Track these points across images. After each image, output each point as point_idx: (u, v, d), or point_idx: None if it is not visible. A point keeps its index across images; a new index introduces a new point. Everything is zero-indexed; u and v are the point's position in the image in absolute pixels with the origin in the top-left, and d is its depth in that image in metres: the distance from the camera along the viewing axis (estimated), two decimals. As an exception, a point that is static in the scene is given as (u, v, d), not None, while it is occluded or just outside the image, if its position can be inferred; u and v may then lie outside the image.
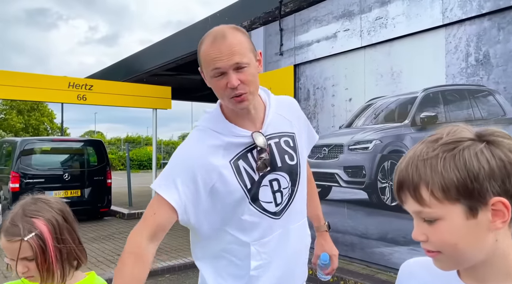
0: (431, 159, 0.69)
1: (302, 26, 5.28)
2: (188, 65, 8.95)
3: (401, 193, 0.73)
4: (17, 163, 7.78)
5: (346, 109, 4.79)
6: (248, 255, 1.30)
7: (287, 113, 1.41)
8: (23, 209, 1.16)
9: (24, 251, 1.11)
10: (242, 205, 1.28)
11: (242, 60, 1.19)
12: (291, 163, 1.36)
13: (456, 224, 0.68)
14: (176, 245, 6.09)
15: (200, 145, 1.29)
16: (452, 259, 0.71)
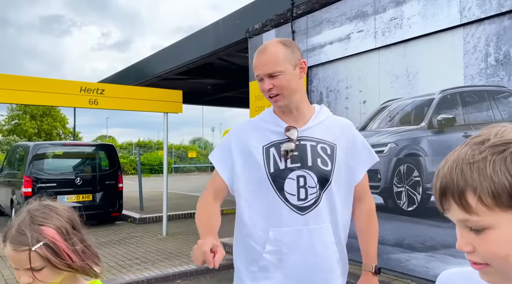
0: (479, 162, 0.62)
1: (314, 27, 5.21)
2: (199, 69, 8.96)
3: (444, 200, 0.66)
4: (30, 167, 7.83)
5: (360, 111, 4.70)
6: (266, 240, 1.46)
7: (335, 128, 1.56)
8: (30, 216, 1.09)
9: (28, 262, 1.04)
10: (266, 188, 1.47)
11: (274, 70, 1.46)
12: (322, 167, 1.49)
13: (508, 234, 0.62)
14: (187, 250, 6.03)
15: (247, 126, 1.59)
16: (501, 273, 0.65)
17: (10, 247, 1.06)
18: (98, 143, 10.09)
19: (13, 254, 1.06)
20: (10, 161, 9.48)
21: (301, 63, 1.51)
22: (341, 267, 1.56)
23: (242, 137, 1.56)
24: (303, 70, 1.52)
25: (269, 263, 1.47)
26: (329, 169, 1.49)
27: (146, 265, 5.25)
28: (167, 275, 4.88)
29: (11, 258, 1.07)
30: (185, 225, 8.31)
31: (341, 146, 1.54)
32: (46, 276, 1.07)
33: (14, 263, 1.07)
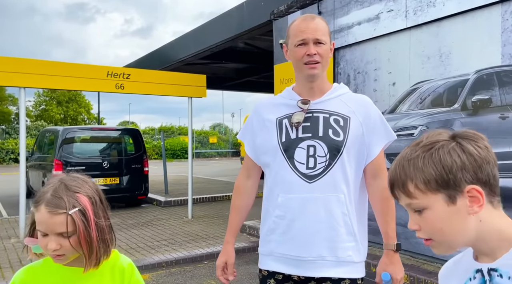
0: (414, 159, 0.84)
1: (342, 8, 5.09)
2: (222, 53, 8.93)
3: (394, 190, 0.88)
4: (60, 151, 8.05)
5: (390, 94, 4.60)
6: (276, 205, 1.56)
7: (351, 103, 1.60)
8: (65, 184, 1.11)
9: (63, 225, 1.06)
10: (279, 157, 1.56)
11: (321, 38, 1.54)
12: (334, 138, 1.53)
13: (439, 211, 0.82)
14: (213, 232, 6.12)
15: (266, 102, 1.72)
16: (443, 243, 0.84)
17: (45, 210, 1.06)
18: (124, 128, 10.26)
19: (47, 217, 1.06)
20: (40, 145, 9.76)
21: (332, 44, 1.64)
22: (357, 241, 1.56)
23: (261, 112, 1.68)
24: (332, 50, 1.63)
25: (277, 226, 1.57)
26: (341, 139, 1.53)
27: (174, 246, 5.35)
28: (195, 256, 4.98)
29: (44, 222, 1.07)
30: (209, 208, 8.42)
31: (356, 120, 1.56)
32: (68, 247, 1.08)
33: (46, 227, 1.07)
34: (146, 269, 4.64)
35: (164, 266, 4.77)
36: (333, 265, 1.53)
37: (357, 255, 1.57)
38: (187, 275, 4.50)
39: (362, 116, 1.58)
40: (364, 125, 1.57)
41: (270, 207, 1.60)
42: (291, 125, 1.57)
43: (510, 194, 3.43)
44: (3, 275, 4.27)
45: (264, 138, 1.62)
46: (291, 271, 1.55)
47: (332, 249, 1.52)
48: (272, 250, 1.59)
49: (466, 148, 0.82)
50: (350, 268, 1.55)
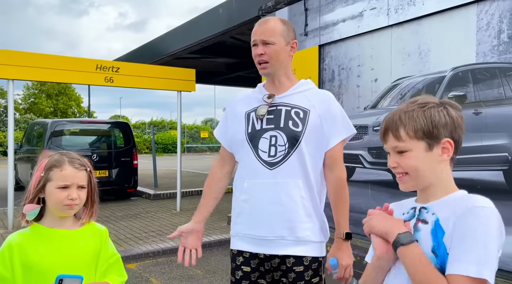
0: (410, 111, 1.10)
1: (327, 5, 5.20)
2: (212, 47, 8.97)
3: (386, 133, 1.13)
4: (49, 143, 8.08)
5: (372, 89, 4.73)
6: (243, 190, 1.72)
7: (313, 98, 1.75)
8: (70, 153, 1.47)
9: (84, 179, 1.42)
10: (246, 146, 1.72)
11: (268, 39, 1.68)
12: (293, 128, 1.68)
13: (419, 154, 1.09)
14: (200, 224, 6.23)
15: (239, 97, 1.87)
16: (413, 179, 1.10)
17: (71, 167, 1.40)
18: (114, 121, 10.30)
19: (73, 172, 1.40)
20: (29, 138, 9.76)
21: (293, 43, 1.76)
22: (314, 223, 1.70)
23: (234, 106, 1.85)
24: (293, 50, 1.75)
25: (242, 209, 1.73)
26: (299, 130, 1.67)
27: (162, 238, 5.46)
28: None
29: (70, 176, 1.39)
30: (197, 201, 8.36)
31: (315, 113, 1.70)
32: (83, 198, 1.42)
33: (72, 180, 1.39)
34: (133, 259, 4.75)
35: (151, 256, 4.87)
36: (293, 244, 1.66)
37: (315, 235, 1.70)
38: (173, 265, 4.62)
39: (322, 110, 1.72)
40: (323, 118, 1.71)
41: (237, 192, 1.77)
42: (256, 117, 1.73)
43: (483, 185, 3.59)
44: None
45: (235, 130, 1.79)
46: (256, 249, 1.69)
47: (292, 229, 1.65)
48: (239, 231, 1.74)
49: (450, 112, 1.09)
50: (309, 247, 1.68)
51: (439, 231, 1.03)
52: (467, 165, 3.73)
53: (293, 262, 1.66)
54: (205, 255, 4.97)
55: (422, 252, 1.02)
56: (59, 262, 1.36)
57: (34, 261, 1.34)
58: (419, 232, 1.08)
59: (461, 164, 3.74)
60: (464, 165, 3.74)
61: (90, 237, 1.46)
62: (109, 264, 1.49)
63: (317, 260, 1.70)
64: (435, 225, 1.04)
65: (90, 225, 1.50)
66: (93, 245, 1.45)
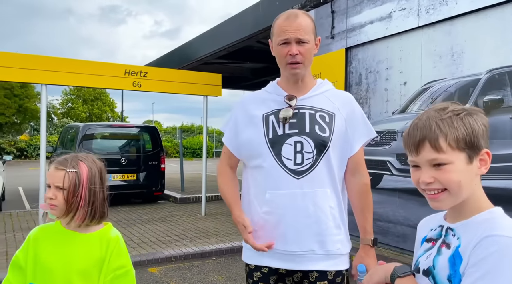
0: (447, 119, 0.95)
1: (354, 7, 5.06)
2: (239, 52, 8.98)
3: (421, 144, 0.96)
4: (80, 147, 8.29)
5: (401, 93, 4.54)
6: (264, 201, 1.55)
7: (335, 99, 1.62)
8: (76, 155, 1.43)
9: (61, 180, 1.34)
10: (266, 153, 1.55)
11: (304, 37, 1.53)
12: (320, 134, 1.55)
13: (460, 166, 0.95)
14: (224, 229, 6.18)
15: (250, 98, 1.70)
16: (454, 195, 0.95)
17: (52, 166, 1.39)
18: (142, 125, 10.46)
19: (53, 172, 1.37)
20: (63, 141, 10.07)
21: (318, 39, 1.63)
22: (343, 234, 1.60)
23: (247, 108, 1.66)
24: (317, 47, 1.63)
25: (265, 222, 1.56)
26: (327, 135, 1.55)
27: (185, 242, 5.44)
28: (204, 252, 5.05)
29: (50, 175, 1.37)
30: (222, 205, 8.49)
31: (340, 116, 1.59)
32: (61, 199, 1.34)
33: (50, 179, 1.37)
34: (155, 263, 4.74)
35: (173, 261, 4.86)
36: (322, 258, 1.55)
37: (344, 247, 1.60)
38: (195, 270, 4.58)
39: (346, 113, 1.61)
40: (347, 121, 1.60)
41: (256, 203, 1.59)
42: (278, 121, 1.57)
43: (521, 196, 3.34)
44: (19, 264, 4.44)
45: (250, 134, 1.60)
46: (281, 265, 1.56)
47: (322, 242, 1.54)
48: None
49: (485, 120, 0.97)
50: (337, 261, 1.58)
51: (457, 259, 0.93)
52: (504, 173, 3.49)
53: (316, 276, 1.56)
54: (227, 261, 4.90)
55: None
56: (59, 263, 1.34)
57: (41, 257, 1.36)
58: (439, 256, 0.99)
59: (497, 172, 3.50)
60: (500, 173, 3.50)
61: (97, 243, 1.40)
62: (116, 275, 1.38)
63: (341, 273, 1.60)
64: (454, 252, 0.95)
65: (104, 230, 1.44)
66: (97, 252, 1.38)
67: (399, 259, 4.24)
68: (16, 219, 6.92)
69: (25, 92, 29.44)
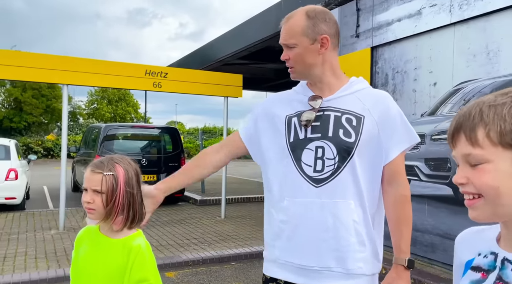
0: (498, 105, 0.70)
1: (381, 4, 4.84)
2: (261, 53, 8.85)
3: (456, 134, 0.75)
4: (101, 147, 8.33)
5: (430, 94, 4.30)
6: (281, 208, 1.45)
7: (367, 100, 1.45)
8: (111, 157, 1.40)
9: (99, 183, 1.32)
10: (286, 158, 1.45)
11: (288, 41, 1.43)
12: (344, 139, 1.40)
13: (502, 168, 0.70)
14: (244, 233, 6.04)
15: (277, 97, 1.59)
16: (490, 204, 0.72)
17: (89, 170, 1.36)
18: (163, 126, 10.46)
19: (90, 175, 1.35)
20: (86, 141, 10.18)
21: (322, 38, 1.43)
22: (368, 252, 1.43)
23: (272, 106, 1.55)
24: (325, 46, 1.44)
25: (281, 231, 1.46)
26: (352, 140, 1.40)
27: (203, 246, 5.33)
28: (222, 257, 4.92)
29: (87, 179, 1.35)
30: (242, 208, 8.37)
31: (370, 119, 1.42)
32: (99, 203, 1.32)
33: (87, 183, 1.35)
34: (173, 267, 4.65)
35: (191, 265, 4.75)
36: (341, 276, 1.40)
37: (369, 267, 1.43)
38: (212, 275, 4.45)
39: (378, 115, 1.43)
40: (380, 125, 1.42)
41: (274, 210, 1.50)
42: (300, 124, 1.45)
43: None
44: (37, 265, 4.43)
45: (271, 136, 1.51)
46: (295, 279, 1.45)
47: (341, 260, 1.39)
48: (277, 256, 1.49)
49: None
50: (359, 281, 1.42)
51: None
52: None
53: None
54: (245, 267, 4.76)
55: None
56: (88, 267, 1.38)
57: (76, 258, 1.43)
58: None
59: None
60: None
61: (119, 251, 1.36)
62: None
63: None
64: None
65: (130, 238, 1.39)
66: (119, 260, 1.34)
67: (427, 270, 4.00)
68: (39, 218, 6.98)
69: (52, 92, 30.21)
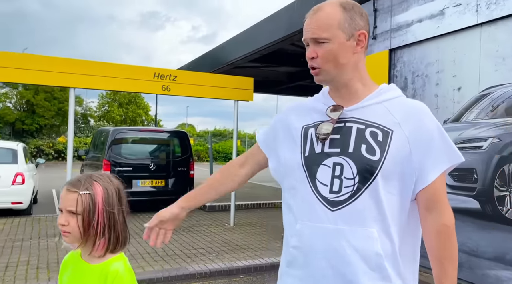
0: None
1: (400, 4, 4.58)
2: (273, 55, 8.63)
3: None
4: (109, 151, 8.18)
5: (454, 100, 4.02)
6: (294, 232, 1.28)
7: (397, 111, 1.24)
8: (91, 174, 1.30)
9: (74, 203, 1.21)
10: (300, 174, 1.27)
11: (320, 35, 1.22)
12: (367, 156, 1.19)
13: None
14: (254, 243, 5.81)
15: (296, 106, 1.42)
16: None
17: (65, 188, 1.26)
18: (172, 130, 10.29)
19: (64, 194, 1.24)
20: (95, 144, 10.05)
21: (360, 34, 1.24)
22: None
23: (290, 116, 1.38)
24: (362, 43, 1.25)
25: (293, 258, 1.28)
26: (376, 159, 1.18)
27: (211, 256, 5.11)
28: (231, 269, 4.69)
29: (62, 198, 1.25)
30: (253, 215, 8.14)
31: (400, 134, 1.20)
32: (74, 226, 1.21)
33: (62, 203, 1.24)
34: (178, 280, 4.44)
35: (198, 278, 4.53)
36: None
37: None
38: (220, 290, 4.23)
39: (410, 130, 1.20)
40: (412, 141, 1.19)
41: (289, 233, 1.32)
42: (317, 136, 1.26)
43: None
44: (38, 276, 4.25)
45: (288, 148, 1.34)
46: None
47: None
48: None
49: None
50: None
51: None
52: None
53: None
54: (255, 281, 4.52)
55: None
56: None
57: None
58: None
59: None
60: None
61: (97, 277, 1.26)
62: None
63: None
64: None
65: (108, 262, 1.27)
66: None
67: (451, 289, 3.72)
68: (44, 224, 6.85)
69: (64, 95, 30.39)
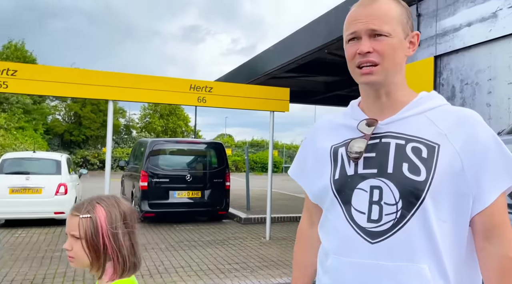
0: None
1: (447, 8, 4.29)
2: (310, 65, 8.46)
3: None
4: (147, 162, 8.27)
5: (509, 109, 3.67)
6: (326, 268, 1.11)
7: (442, 122, 1.04)
8: (97, 196, 1.25)
9: (76, 227, 1.17)
10: (331, 200, 1.10)
11: (381, 28, 1.03)
12: (410, 177, 1.00)
13: None
14: (289, 259, 5.59)
15: (323, 124, 1.24)
16: None
17: (70, 212, 1.23)
18: (208, 141, 10.32)
19: (68, 219, 1.22)
20: (134, 155, 10.25)
21: (414, 35, 1.09)
22: None
23: (316, 137, 1.21)
24: (413, 47, 1.09)
25: None
26: (422, 179, 0.99)
27: (245, 272, 4.96)
28: (265, 287, 4.51)
29: (67, 223, 1.22)
30: (289, 229, 7.91)
31: (449, 148, 1.00)
32: (78, 250, 1.17)
33: (67, 228, 1.21)
34: (211, 296, 4.31)
35: (231, 295, 4.38)
36: None
37: None
38: (253, 309, 4.05)
39: (462, 143, 1.00)
40: (464, 156, 0.99)
41: (321, 268, 1.15)
42: (348, 156, 1.08)
43: None
44: (72, 288, 4.26)
45: (315, 174, 1.17)
46: None
47: None
48: None
49: None
50: None
51: None
52: None
53: None
54: (291, 301, 4.31)
55: None
56: None
57: None
58: None
59: None
60: None
61: None
62: None
63: None
64: None
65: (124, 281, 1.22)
66: None
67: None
68: (83, 233, 6.97)
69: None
